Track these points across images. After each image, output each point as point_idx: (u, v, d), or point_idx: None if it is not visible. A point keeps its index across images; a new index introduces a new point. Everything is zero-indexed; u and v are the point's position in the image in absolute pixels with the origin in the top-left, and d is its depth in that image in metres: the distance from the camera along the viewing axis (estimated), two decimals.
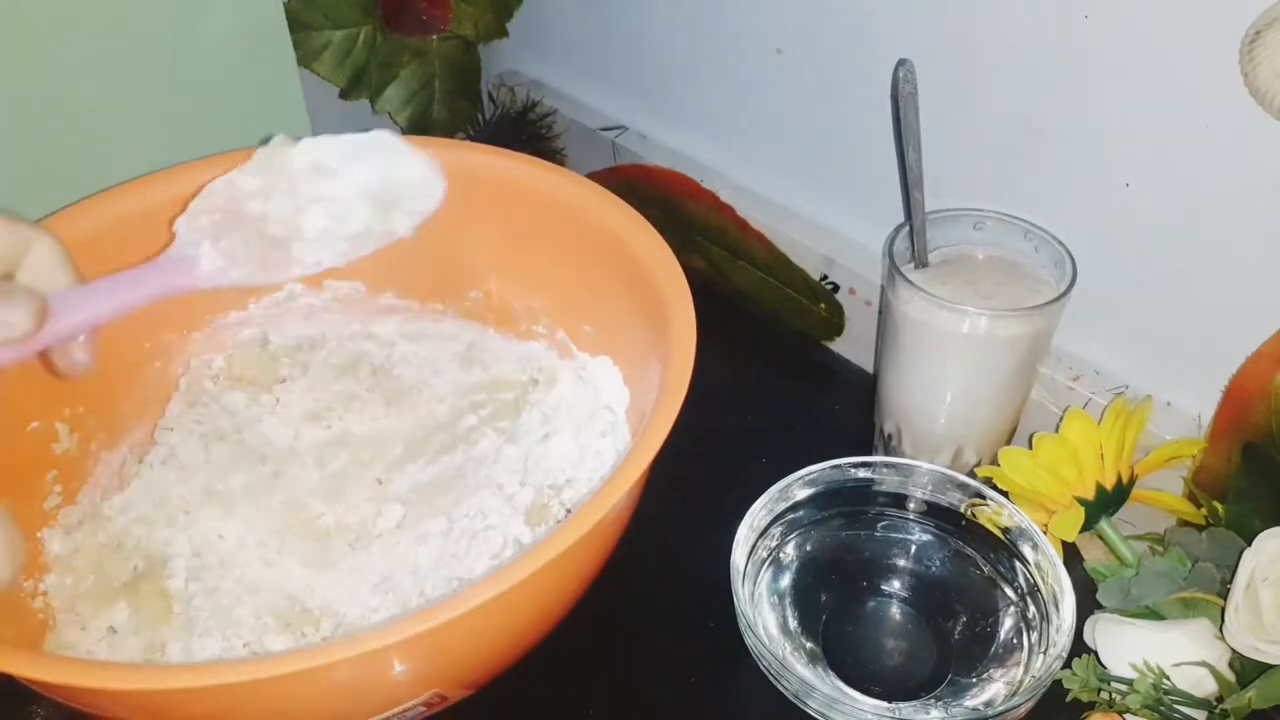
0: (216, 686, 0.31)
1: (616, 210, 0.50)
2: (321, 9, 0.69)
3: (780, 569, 0.51)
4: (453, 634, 0.34)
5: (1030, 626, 0.47)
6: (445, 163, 0.41)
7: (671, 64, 0.69)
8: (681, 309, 0.44)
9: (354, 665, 0.33)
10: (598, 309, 0.53)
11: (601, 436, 0.51)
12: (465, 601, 0.33)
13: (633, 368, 0.52)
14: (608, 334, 0.54)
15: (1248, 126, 0.44)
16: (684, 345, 0.42)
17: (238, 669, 0.31)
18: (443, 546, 0.48)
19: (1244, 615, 0.42)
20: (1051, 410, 0.56)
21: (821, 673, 0.47)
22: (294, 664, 0.31)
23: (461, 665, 0.39)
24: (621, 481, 0.37)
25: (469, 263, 0.56)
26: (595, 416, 0.52)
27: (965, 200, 0.55)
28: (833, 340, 0.67)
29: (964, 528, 0.51)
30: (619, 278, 0.49)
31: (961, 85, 0.53)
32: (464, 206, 0.43)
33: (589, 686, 0.48)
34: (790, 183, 0.66)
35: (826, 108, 0.62)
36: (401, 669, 0.36)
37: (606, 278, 0.50)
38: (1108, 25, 0.47)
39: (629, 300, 0.49)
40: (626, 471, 0.37)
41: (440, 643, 0.35)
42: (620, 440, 0.51)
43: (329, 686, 0.35)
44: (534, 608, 0.39)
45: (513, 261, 0.56)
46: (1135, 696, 0.43)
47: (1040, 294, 0.51)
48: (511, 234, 0.54)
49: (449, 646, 0.37)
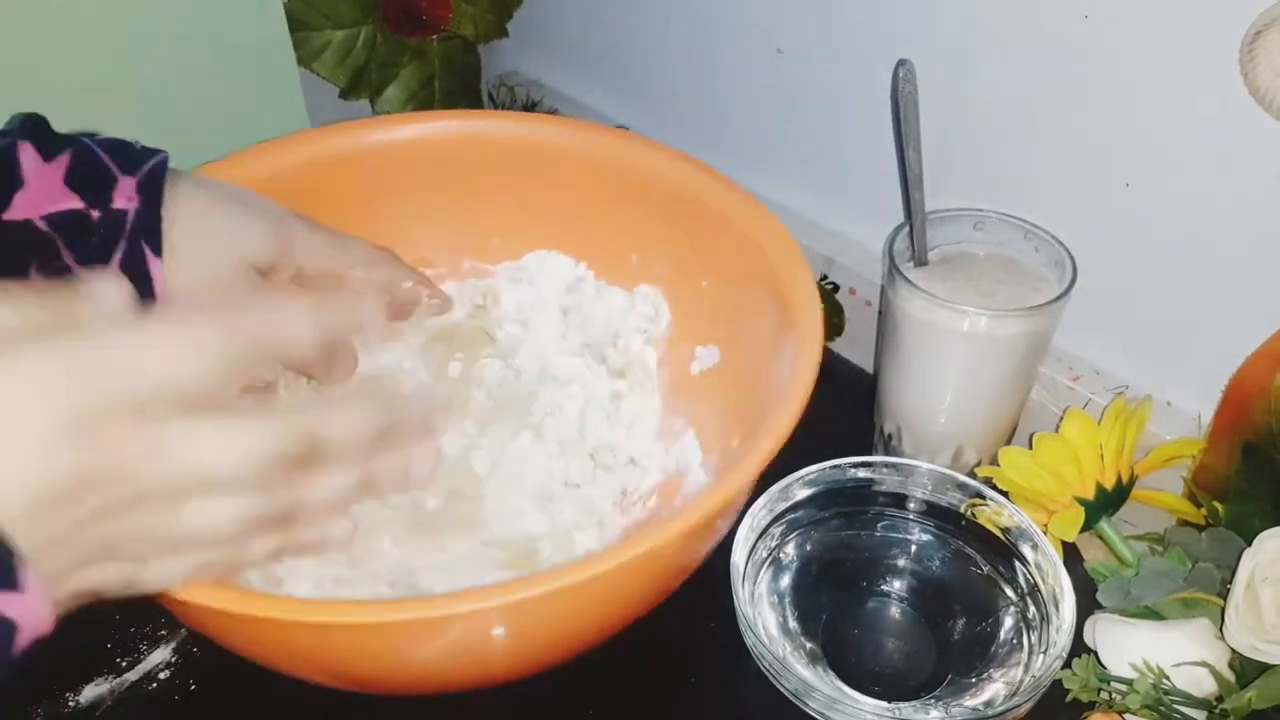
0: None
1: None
2: (321, 9, 0.69)
3: (780, 569, 0.51)
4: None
5: (1030, 626, 0.47)
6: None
7: (671, 64, 0.69)
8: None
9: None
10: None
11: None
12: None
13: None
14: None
15: (1248, 126, 0.44)
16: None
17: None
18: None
19: (1244, 615, 0.42)
20: (1051, 410, 0.56)
21: (821, 673, 0.47)
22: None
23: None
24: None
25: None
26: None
27: (965, 200, 0.55)
28: (833, 340, 0.67)
29: (964, 528, 0.51)
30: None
31: (961, 85, 0.53)
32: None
33: (589, 686, 0.48)
34: (790, 183, 0.66)
35: (826, 108, 0.62)
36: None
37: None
38: (1108, 25, 0.47)
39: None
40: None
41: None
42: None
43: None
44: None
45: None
46: (1135, 696, 0.43)
47: (1041, 291, 0.51)
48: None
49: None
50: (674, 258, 0.55)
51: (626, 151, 0.55)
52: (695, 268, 0.54)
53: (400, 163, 0.56)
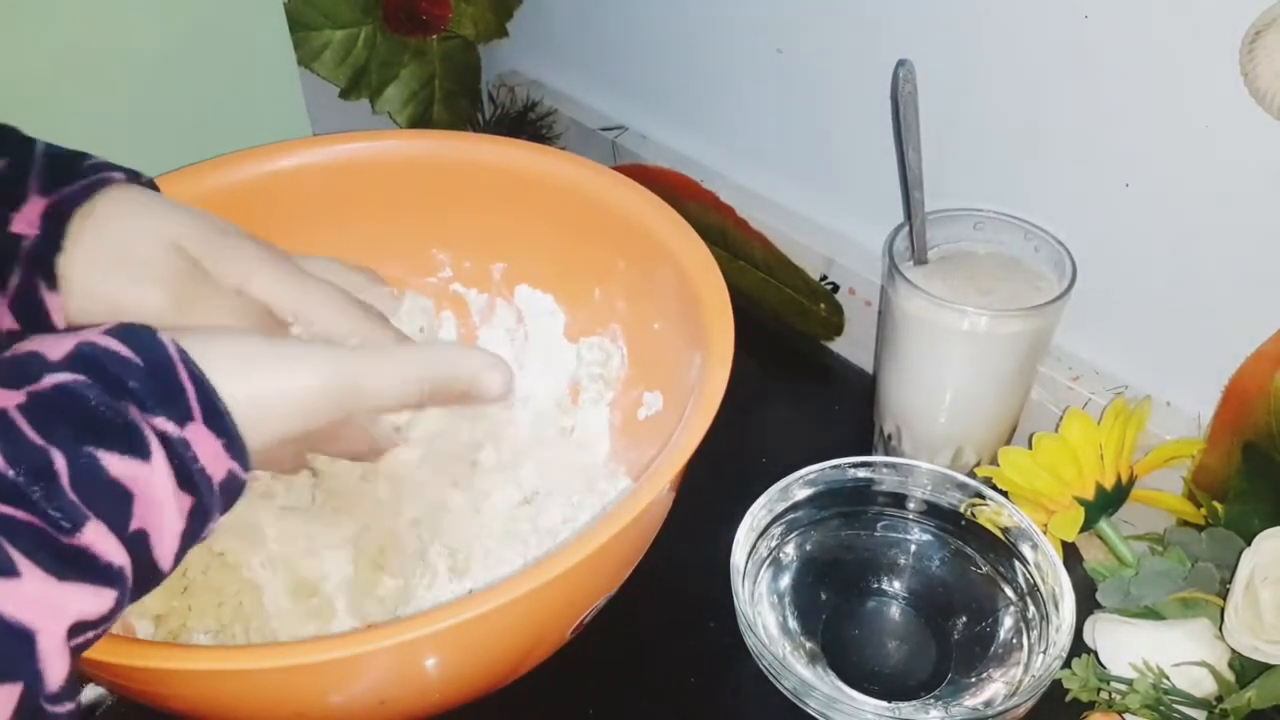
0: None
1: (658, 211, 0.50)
2: (321, 9, 0.69)
3: (780, 569, 0.51)
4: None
5: (1030, 626, 0.47)
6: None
7: (671, 64, 0.69)
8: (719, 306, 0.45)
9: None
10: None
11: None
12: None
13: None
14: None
15: (1247, 126, 0.44)
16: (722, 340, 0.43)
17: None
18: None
19: (1244, 615, 0.42)
20: (1051, 410, 0.56)
21: (821, 672, 0.47)
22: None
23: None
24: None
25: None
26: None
27: (965, 200, 0.55)
28: (833, 340, 0.67)
29: (964, 528, 0.51)
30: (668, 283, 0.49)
31: (962, 85, 0.53)
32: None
33: (589, 686, 0.48)
34: (790, 183, 0.66)
35: (826, 108, 0.62)
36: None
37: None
38: (1108, 25, 0.47)
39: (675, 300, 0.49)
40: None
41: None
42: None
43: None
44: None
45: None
46: (1135, 696, 0.43)
47: (1041, 289, 0.51)
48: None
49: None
50: (628, 296, 0.53)
51: (582, 180, 0.53)
52: (649, 307, 0.52)
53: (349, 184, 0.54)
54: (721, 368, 0.41)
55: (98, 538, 0.28)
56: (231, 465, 0.32)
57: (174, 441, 0.30)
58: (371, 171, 0.54)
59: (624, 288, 0.53)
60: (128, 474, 0.29)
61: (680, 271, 0.47)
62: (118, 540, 0.29)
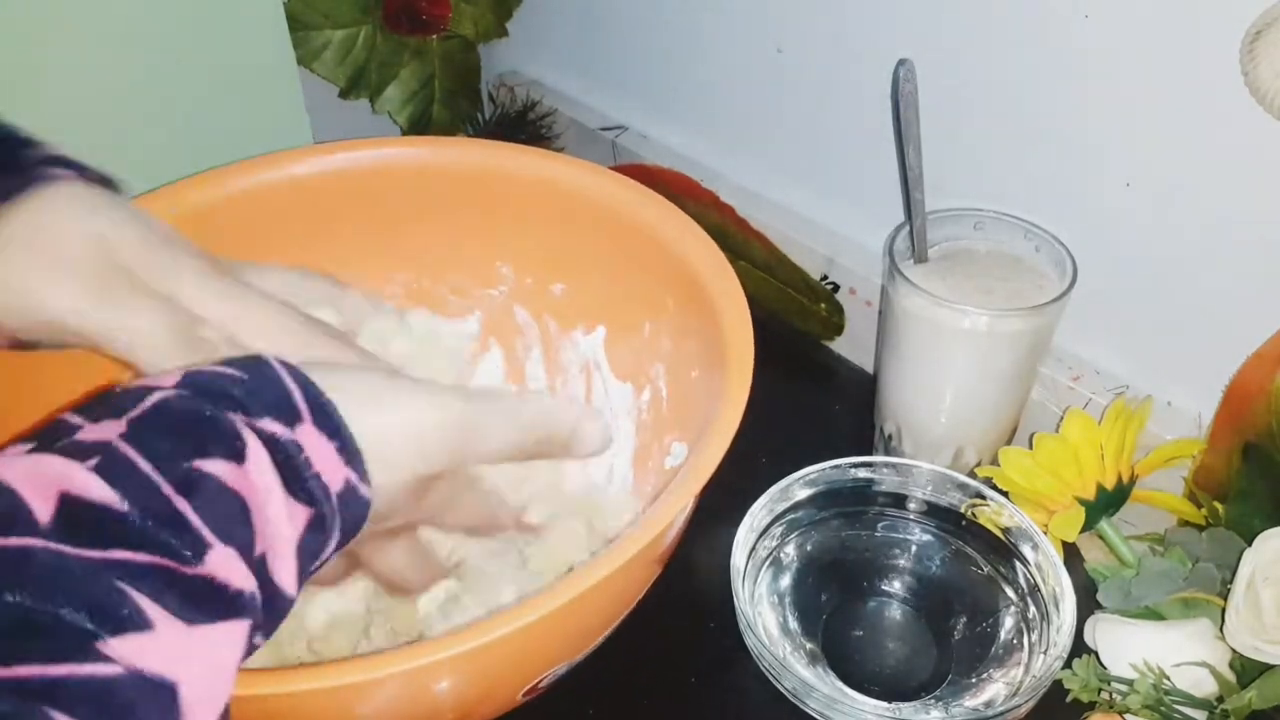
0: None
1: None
2: (321, 9, 0.69)
3: (780, 569, 0.51)
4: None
5: (1030, 627, 0.47)
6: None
7: (671, 64, 0.69)
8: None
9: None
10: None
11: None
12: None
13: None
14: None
15: (1247, 126, 0.44)
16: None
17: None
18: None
19: (1244, 615, 0.42)
20: (1051, 410, 0.55)
21: (821, 673, 0.47)
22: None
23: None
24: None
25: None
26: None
27: (965, 200, 0.55)
28: (833, 340, 0.67)
29: (964, 528, 0.51)
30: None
31: (961, 85, 0.53)
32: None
33: (588, 687, 0.48)
34: (790, 182, 0.66)
35: (827, 107, 0.62)
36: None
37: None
38: (1108, 25, 0.47)
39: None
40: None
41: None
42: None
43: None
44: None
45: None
46: (1135, 697, 0.43)
47: (1042, 288, 0.51)
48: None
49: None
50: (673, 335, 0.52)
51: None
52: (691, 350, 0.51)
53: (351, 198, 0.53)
54: (719, 446, 0.40)
55: (223, 562, 0.26)
56: (349, 474, 0.30)
57: (283, 444, 0.28)
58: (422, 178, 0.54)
59: (670, 328, 0.52)
60: (235, 481, 0.27)
61: (715, 316, 0.48)
62: (244, 564, 0.27)
